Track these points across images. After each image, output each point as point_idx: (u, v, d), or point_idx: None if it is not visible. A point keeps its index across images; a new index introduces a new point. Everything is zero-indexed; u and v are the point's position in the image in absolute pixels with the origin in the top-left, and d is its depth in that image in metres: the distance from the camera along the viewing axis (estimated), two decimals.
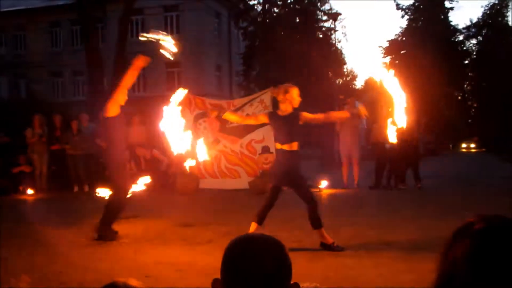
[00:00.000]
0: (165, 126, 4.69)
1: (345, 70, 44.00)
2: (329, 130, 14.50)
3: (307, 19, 27.97)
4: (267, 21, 26.90)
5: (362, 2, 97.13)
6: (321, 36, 30.02)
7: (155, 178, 11.47)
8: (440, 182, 12.40)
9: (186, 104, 11.46)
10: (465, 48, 42.55)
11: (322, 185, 10.36)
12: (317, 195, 9.69)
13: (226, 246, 1.18)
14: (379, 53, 43.10)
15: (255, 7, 27.59)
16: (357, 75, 66.30)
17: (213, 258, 4.17)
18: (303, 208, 5.12)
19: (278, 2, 28.02)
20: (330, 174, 11.86)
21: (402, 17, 41.49)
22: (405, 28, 41.25)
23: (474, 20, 42.05)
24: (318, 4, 29.09)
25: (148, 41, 4.82)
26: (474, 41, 42.82)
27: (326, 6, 29.59)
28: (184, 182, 10.56)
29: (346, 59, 49.66)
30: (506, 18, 41.09)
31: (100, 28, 21.92)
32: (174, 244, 5.50)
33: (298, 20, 28.19)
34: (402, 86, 4.30)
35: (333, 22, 26.47)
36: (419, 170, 10.79)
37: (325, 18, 29.71)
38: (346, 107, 11.27)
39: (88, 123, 11.74)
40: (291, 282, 1.16)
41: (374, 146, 11.32)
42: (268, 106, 10.78)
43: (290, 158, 5.05)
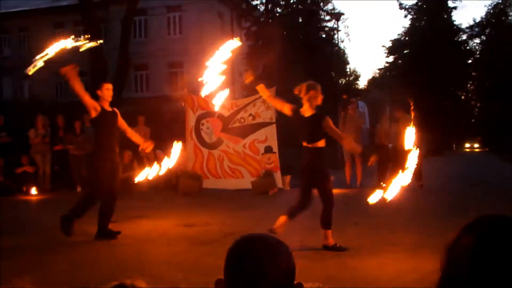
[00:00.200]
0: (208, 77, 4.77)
1: (348, 70, 44.04)
2: None
3: (310, 19, 27.95)
4: (270, 21, 26.87)
5: (365, 2, 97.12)
6: (324, 36, 30.00)
7: (158, 178, 11.54)
8: (443, 182, 12.36)
9: (189, 104, 11.49)
10: (468, 47, 42.38)
11: None
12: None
13: (229, 246, 1.18)
14: (382, 52, 43.11)
15: (258, 7, 27.55)
16: (360, 75, 66.50)
17: (216, 258, 4.17)
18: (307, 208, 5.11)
19: (281, 2, 27.99)
20: (332, 174, 11.81)
21: (405, 16, 41.42)
22: (408, 27, 41.15)
23: (478, 19, 41.91)
24: (321, 4, 29.05)
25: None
26: (477, 40, 42.68)
27: (329, 6, 29.56)
28: (187, 183, 10.57)
29: (349, 59, 49.56)
30: (509, 18, 40.89)
31: (103, 28, 21.94)
32: (177, 244, 5.50)
33: (301, 20, 28.17)
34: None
35: (336, 22, 26.52)
36: (422, 169, 10.76)
37: (328, 18, 29.69)
38: (350, 107, 11.27)
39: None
40: (295, 283, 1.16)
41: (377, 146, 11.29)
42: (270, 106, 10.78)
43: (312, 156, 5.00)
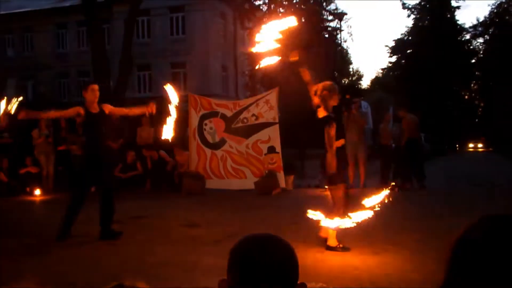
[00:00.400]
0: None
1: (350, 69, 44.00)
2: None
3: (313, 19, 27.90)
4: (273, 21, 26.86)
5: (367, 2, 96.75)
6: (326, 36, 29.94)
7: (162, 178, 11.56)
8: (446, 182, 12.35)
9: (192, 104, 11.49)
10: (472, 47, 42.27)
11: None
12: (323, 195, 9.74)
13: (232, 246, 1.18)
14: (385, 52, 43.04)
15: (261, 7, 27.53)
16: (363, 75, 66.38)
17: (219, 259, 4.14)
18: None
19: (284, 2, 27.96)
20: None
21: (408, 16, 41.40)
22: (411, 27, 41.11)
23: (481, 19, 41.77)
24: (324, 4, 29.01)
25: None
26: (481, 40, 42.57)
27: (332, 6, 29.51)
28: (190, 183, 10.57)
29: (352, 59, 49.49)
30: None
31: (106, 29, 21.98)
32: (181, 244, 5.51)
33: (303, 20, 28.15)
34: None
35: (338, 22, 26.47)
36: (424, 169, 10.76)
37: (330, 18, 29.63)
38: (353, 107, 11.26)
39: None
40: (298, 282, 1.16)
41: (380, 146, 11.30)
42: (273, 107, 10.78)
43: (328, 156, 5.07)
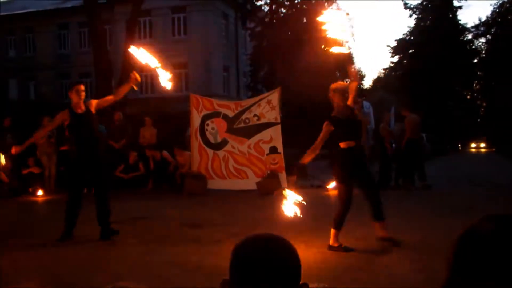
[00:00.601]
0: None
1: (352, 70, 43.90)
2: None
3: (315, 19, 27.91)
4: (275, 21, 26.85)
5: (369, 2, 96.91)
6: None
7: (164, 179, 11.57)
8: (449, 182, 12.32)
9: (194, 105, 11.49)
10: (474, 47, 42.21)
11: (330, 185, 10.32)
12: (325, 196, 9.73)
13: (234, 246, 1.17)
14: (387, 52, 42.99)
15: (263, 8, 27.56)
16: (365, 75, 66.37)
17: (221, 259, 4.16)
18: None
19: (286, 3, 27.96)
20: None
21: (410, 16, 41.35)
22: (413, 27, 41.09)
23: (483, 18, 41.70)
24: (326, 4, 29.01)
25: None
26: (483, 40, 42.50)
27: (334, 6, 29.52)
28: (192, 183, 10.58)
29: (354, 59, 49.47)
30: None
31: (108, 30, 22.01)
32: (183, 244, 5.50)
33: (305, 20, 28.14)
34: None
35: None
36: (424, 169, 10.75)
37: None
38: (355, 107, 11.23)
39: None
40: (300, 283, 1.15)
41: (381, 146, 11.28)
42: (275, 107, 10.77)
43: (334, 156, 5.19)
